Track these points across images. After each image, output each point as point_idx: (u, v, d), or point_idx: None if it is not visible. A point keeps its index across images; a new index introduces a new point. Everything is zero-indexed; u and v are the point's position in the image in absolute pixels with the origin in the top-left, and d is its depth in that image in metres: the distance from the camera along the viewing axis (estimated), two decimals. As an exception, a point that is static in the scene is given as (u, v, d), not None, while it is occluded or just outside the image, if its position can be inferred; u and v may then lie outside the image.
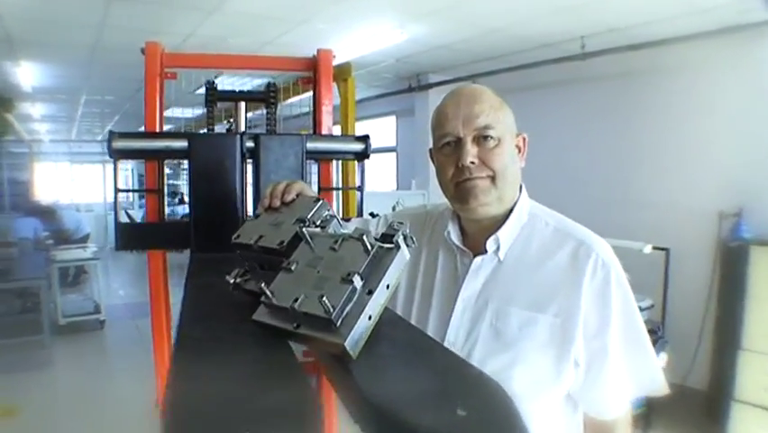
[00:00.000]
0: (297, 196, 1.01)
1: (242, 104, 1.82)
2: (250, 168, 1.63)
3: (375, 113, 7.67)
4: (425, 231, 1.26)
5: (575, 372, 1.04)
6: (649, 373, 1.08)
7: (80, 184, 13.86)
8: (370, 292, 0.69)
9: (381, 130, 7.81)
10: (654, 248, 3.62)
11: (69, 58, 5.19)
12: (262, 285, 0.73)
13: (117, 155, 1.57)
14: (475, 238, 1.14)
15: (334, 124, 1.91)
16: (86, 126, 11.65)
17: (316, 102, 1.85)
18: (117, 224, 1.65)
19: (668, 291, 3.93)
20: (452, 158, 1.08)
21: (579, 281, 1.03)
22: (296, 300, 0.70)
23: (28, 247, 6.95)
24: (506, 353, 1.03)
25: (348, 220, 1.48)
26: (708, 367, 4.09)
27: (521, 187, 1.16)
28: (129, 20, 3.94)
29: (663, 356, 3.28)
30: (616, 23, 4.08)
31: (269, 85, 1.81)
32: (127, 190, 9.87)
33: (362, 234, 0.73)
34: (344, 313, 0.67)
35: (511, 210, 1.12)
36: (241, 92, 1.84)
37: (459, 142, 1.07)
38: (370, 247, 0.72)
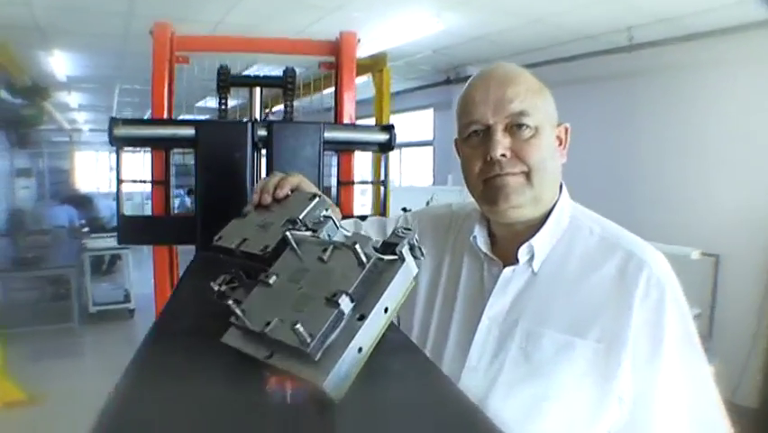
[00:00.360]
0: (293, 191, 0.86)
1: (257, 90, 1.70)
2: (264, 160, 1.51)
3: (412, 105, 7.57)
4: (449, 234, 1.10)
5: (619, 408, 0.87)
6: (708, 412, 0.90)
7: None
8: (362, 318, 0.54)
9: (418, 123, 7.68)
10: (703, 254, 3.38)
11: (101, 47, 5.21)
12: (230, 303, 0.58)
13: (119, 143, 1.47)
14: (505, 245, 0.97)
15: (369, 116, 1.76)
16: (124, 116, 11.81)
17: (338, 88, 1.71)
18: (120, 216, 1.56)
19: (716, 300, 3.69)
20: (479, 150, 0.91)
21: (628, 302, 0.85)
22: (268, 324, 0.55)
23: (62, 235, 7.05)
24: (537, 383, 0.87)
25: (364, 219, 1.34)
26: (760, 383, 3.85)
27: (561, 186, 0.98)
28: (157, 8, 3.89)
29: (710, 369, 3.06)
30: (666, 13, 3.86)
31: (286, 70, 1.68)
32: (132, 181, 9.92)
33: (355, 243, 0.57)
34: (326, 344, 0.52)
35: (549, 213, 0.94)
36: (255, 77, 1.72)
37: (488, 132, 0.90)
38: (364, 259, 0.57)
